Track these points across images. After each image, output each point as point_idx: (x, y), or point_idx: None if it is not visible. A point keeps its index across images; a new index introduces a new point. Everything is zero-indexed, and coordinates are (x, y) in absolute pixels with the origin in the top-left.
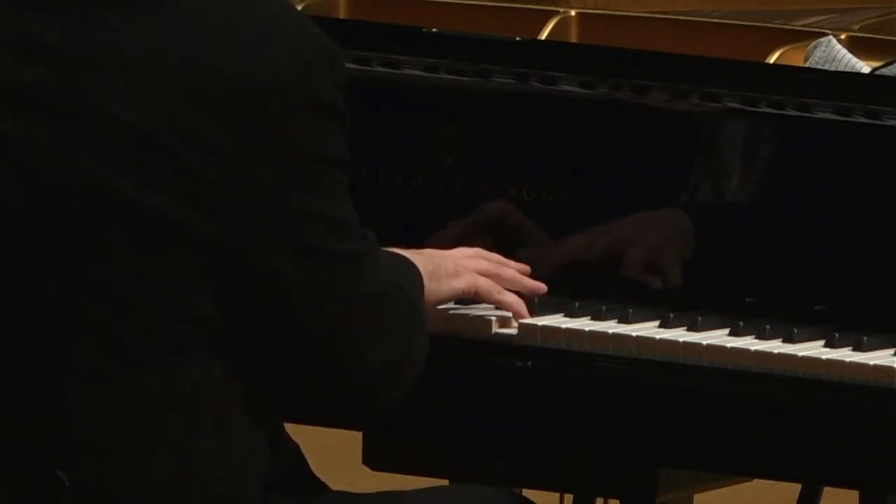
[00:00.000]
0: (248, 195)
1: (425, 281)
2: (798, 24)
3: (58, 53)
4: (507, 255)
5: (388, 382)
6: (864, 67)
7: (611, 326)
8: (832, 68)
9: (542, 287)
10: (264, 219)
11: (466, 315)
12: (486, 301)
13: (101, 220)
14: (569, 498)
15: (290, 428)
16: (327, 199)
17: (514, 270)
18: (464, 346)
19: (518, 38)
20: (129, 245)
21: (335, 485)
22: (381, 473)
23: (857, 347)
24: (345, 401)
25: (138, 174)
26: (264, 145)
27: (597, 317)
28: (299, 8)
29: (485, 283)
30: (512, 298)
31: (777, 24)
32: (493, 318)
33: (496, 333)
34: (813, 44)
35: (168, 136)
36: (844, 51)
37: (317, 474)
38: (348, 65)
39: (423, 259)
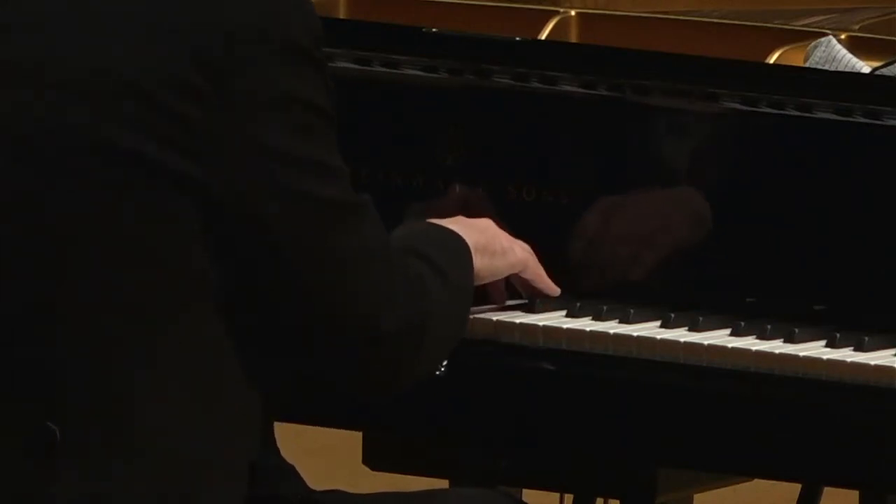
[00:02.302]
0: (231, 136)
1: (477, 257)
2: (798, 24)
3: (32, 12)
4: None
5: (399, 350)
6: (864, 67)
7: (612, 326)
8: (832, 68)
9: (556, 289)
10: (248, 160)
11: None
12: (525, 282)
13: (92, 170)
14: (569, 498)
15: (290, 428)
16: (312, 144)
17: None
18: (464, 346)
19: (518, 38)
20: (120, 193)
21: (335, 485)
22: (381, 473)
23: (858, 347)
24: (351, 365)
25: (122, 121)
26: (243, 86)
27: (598, 317)
28: None
29: (534, 263)
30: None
31: (777, 24)
32: (494, 319)
33: (497, 333)
34: (813, 44)
35: (149, 81)
36: (844, 51)
37: (317, 474)
38: (348, 65)
39: (476, 233)
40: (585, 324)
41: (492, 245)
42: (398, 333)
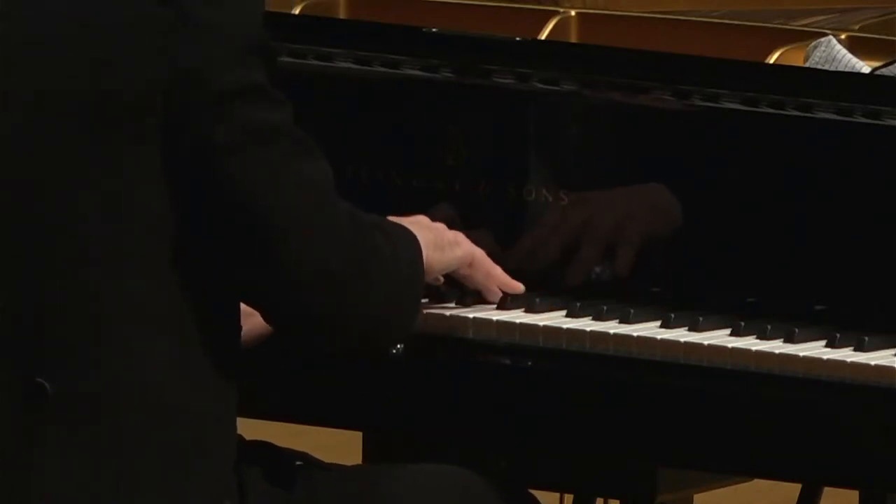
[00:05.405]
0: (191, 63)
1: (428, 251)
2: (798, 24)
3: None
4: (503, 254)
5: (338, 281)
6: (864, 67)
7: (612, 326)
8: (832, 68)
9: (519, 286)
10: (206, 84)
11: (467, 316)
12: (475, 275)
13: (64, 112)
14: (569, 498)
15: (290, 428)
16: (263, 76)
17: (498, 268)
18: (464, 345)
19: (518, 38)
20: (89, 133)
21: None
22: None
23: (859, 347)
24: (295, 296)
25: (93, 61)
26: (204, 16)
27: (598, 317)
28: (299, 8)
29: (481, 254)
30: (501, 273)
31: (777, 24)
32: (494, 319)
33: (497, 333)
34: (813, 44)
35: (115, 20)
36: (844, 51)
37: None
38: (348, 65)
39: (424, 230)
40: (585, 324)
41: (440, 241)
42: (343, 263)
